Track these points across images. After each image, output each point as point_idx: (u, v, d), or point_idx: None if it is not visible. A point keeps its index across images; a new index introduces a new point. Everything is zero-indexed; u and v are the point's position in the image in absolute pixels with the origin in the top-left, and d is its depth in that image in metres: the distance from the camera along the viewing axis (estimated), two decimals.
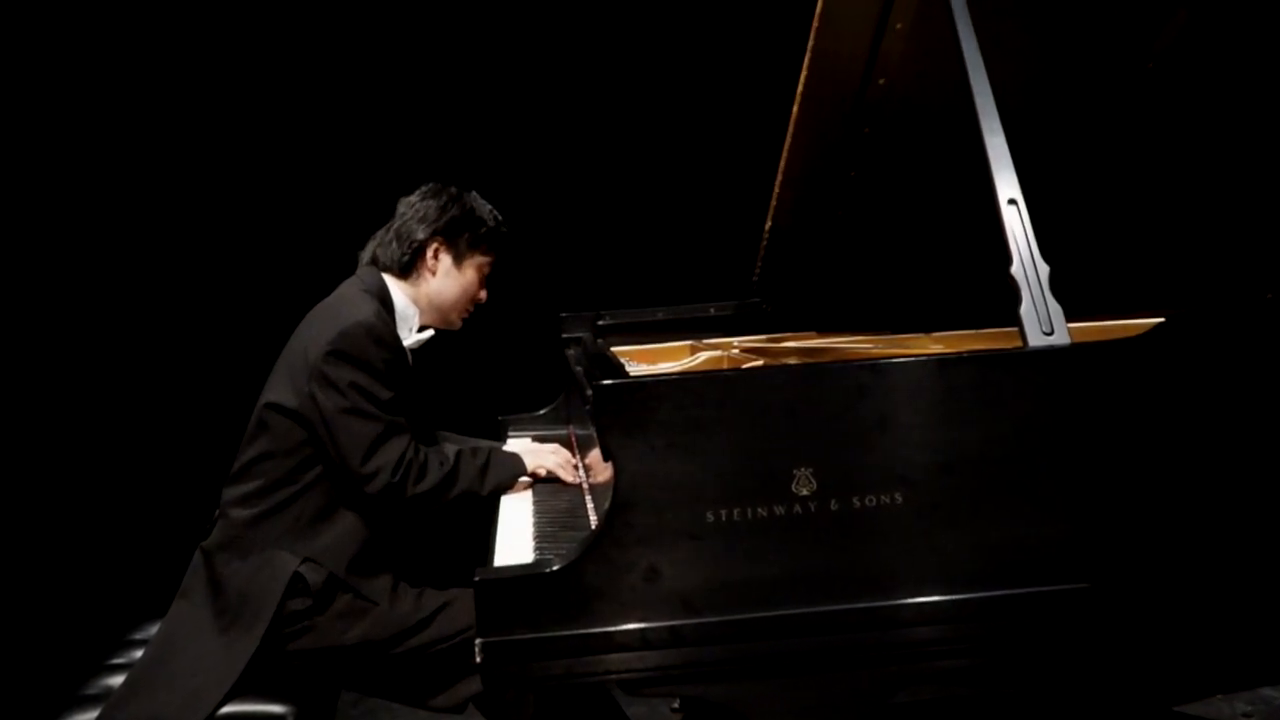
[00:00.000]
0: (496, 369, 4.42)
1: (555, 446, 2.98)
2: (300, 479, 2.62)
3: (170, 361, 4.45)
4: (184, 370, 4.46)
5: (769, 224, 3.04)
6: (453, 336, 2.98)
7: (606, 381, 2.02)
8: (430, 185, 2.89)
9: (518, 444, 3.03)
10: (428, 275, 2.82)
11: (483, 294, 2.92)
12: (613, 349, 3.25)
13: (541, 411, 3.58)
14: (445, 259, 2.83)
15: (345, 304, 2.71)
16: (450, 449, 2.79)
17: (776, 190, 2.91)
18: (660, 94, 4.52)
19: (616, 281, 4.24)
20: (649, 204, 4.53)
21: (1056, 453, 2.04)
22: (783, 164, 2.81)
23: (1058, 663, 2.09)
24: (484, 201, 2.90)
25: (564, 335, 3.54)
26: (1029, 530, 2.03)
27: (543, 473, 2.90)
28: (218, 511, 2.70)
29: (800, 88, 2.59)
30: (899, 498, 2.01)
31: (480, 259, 2.87)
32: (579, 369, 2.94)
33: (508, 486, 2.81)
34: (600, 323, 3.55)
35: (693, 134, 4.53)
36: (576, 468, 2.93)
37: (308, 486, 2.62)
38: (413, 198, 2.87)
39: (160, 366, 4.46)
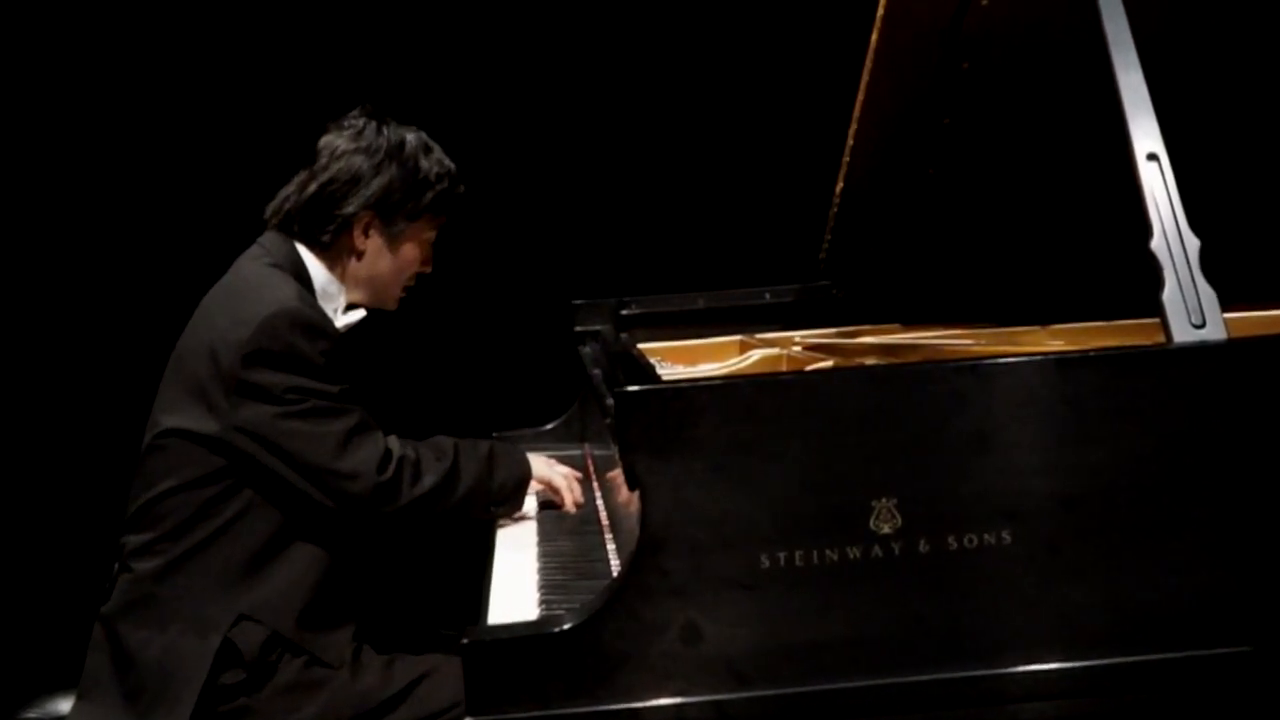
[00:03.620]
0: (492, 371, 4.41)
1: (569, 470, 2.98)
2: (222, 511, 2.55)
3: (35, 373, 4.39)
4: (54, 384, 4.40)
5: (840, 186, 3.05)
6: (439, 331, 2.98)
7: (632, 388, 2.03)
8: (360, 120, 2.72)
9: None
10: (352, 258, 2.72)
11: (427, 267, 2.84)
12: (640, 346, 3.25)
13: (549, 426, 3.60)
14: (376, 238, 2.71)
15: (252, 288, 2.61)
16: (444, 441, 2.75)
17: (850, 144, 2.92)
18: (698, 18, 4.48)
19: (644, 261, 4.23)
20: (685, 162, 4.50)
21: (1209, 478, 2.04)
22: (857, 110, 2.82)
23: None
24: (434, 146, 2.76)
25: (578, 329, 3.56)
26: (1173, 578, 2.02)
27: (549, 491, 2.91)
28: (117, 565, 2.66)
29: (880, 10, 2.60)
30: (1006, 537, 2.00)
31: (425, 231, 2.78)
32: (597, 372, 2.94)
33: (513, 490, 2.81)
34: (624, 312, 3.57)
35: (739, 73, 4.49)
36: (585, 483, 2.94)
37: (235, 520, 2.55)
38: (339, 141, 2.69)
39: (23, 381, 4.41)
